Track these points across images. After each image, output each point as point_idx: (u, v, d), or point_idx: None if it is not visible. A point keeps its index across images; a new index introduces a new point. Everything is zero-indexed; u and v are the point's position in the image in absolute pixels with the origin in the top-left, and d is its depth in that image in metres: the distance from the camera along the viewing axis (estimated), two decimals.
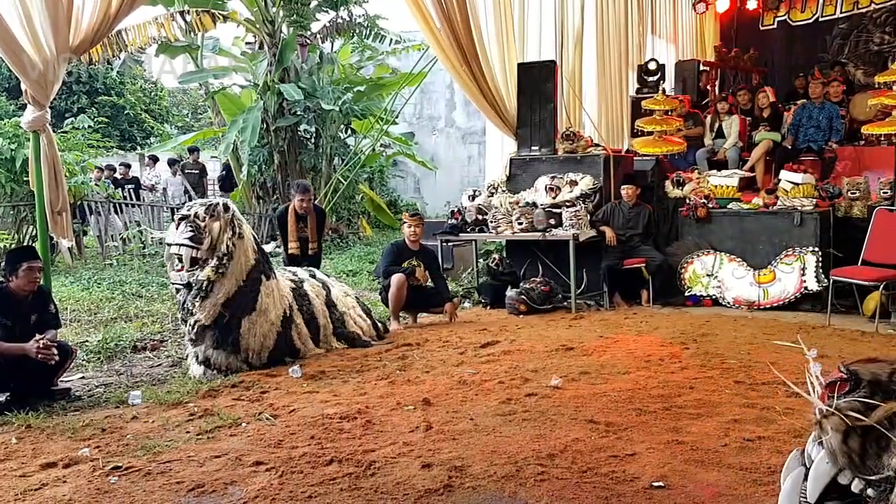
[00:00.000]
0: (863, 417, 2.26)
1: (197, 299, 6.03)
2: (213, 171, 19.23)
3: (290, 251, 7.99)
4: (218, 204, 6.20)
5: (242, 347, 6.14)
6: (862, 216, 8.12)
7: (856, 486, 2.30)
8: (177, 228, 6.09)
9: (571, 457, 4.02)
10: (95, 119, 20.73)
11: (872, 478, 2.24)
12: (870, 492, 2.27)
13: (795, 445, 4.07)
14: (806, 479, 2.43)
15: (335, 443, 4.35)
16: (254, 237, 6.48)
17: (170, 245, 6.12)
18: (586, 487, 3.67)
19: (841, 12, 13.34)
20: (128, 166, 17.74)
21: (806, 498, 2.40)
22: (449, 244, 9.84)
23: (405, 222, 8.15)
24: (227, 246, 6.09)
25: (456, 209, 9.65)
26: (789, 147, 10.05)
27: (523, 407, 4.94)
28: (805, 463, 2.45)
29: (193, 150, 17.63)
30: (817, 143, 9.95)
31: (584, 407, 4.87)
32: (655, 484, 3.68)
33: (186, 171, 17.20)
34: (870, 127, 9.71)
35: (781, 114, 11.04)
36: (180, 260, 6.05)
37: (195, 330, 6.05)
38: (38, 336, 5.14)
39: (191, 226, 6.04)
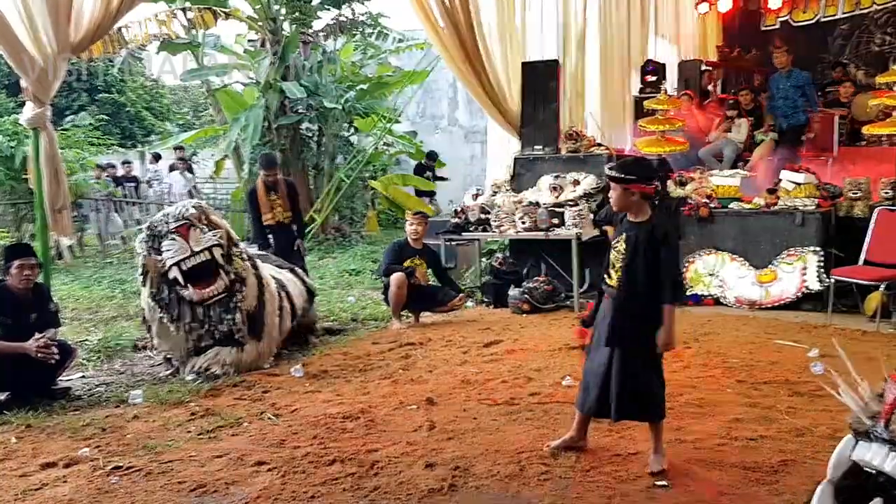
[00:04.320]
0: None
1: (240, 292, 5.96)
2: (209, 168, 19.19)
3: (265, 222, 8.04)
4: (194, 202, 6.10)
5: (267, 333, 6.17)
6: (863, 216, 8.10)
7: None
8: (187, 240, 5.79)
9: (574, 456, 4.02)
10: (96, 117, 20.78)
11: None
12: None
13: (798, 445, 4.09)
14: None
15: (338, 442, 4.34)
16: None
17: (195, 255, 5.78)
18: (589, 486, 3.66)
19: (842, 13, 13.32)
20: (129, 163, 17.74)
21: None
22: (452, 243, 9.82)
23: (407, 220, 8.15)
24: (228, 230, 6.13)
25: (459, 208, 9.64)
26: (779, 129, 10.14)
27: (527, 406, 4.93)
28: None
29: (178, 149, 17.61)
30: (788, 118, 9.94)
31: None
32: (658, 483, 3.67)
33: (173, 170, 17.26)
34: (871, 127, 9.70)
35: None
36: (186, 271, 5.78)
37: (239, 327, 5.98)
38: (37, 335, 5.12)
39: (204, 227, 5.89)
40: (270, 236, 8.12)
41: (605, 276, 4.02)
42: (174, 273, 5.80)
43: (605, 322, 3.94)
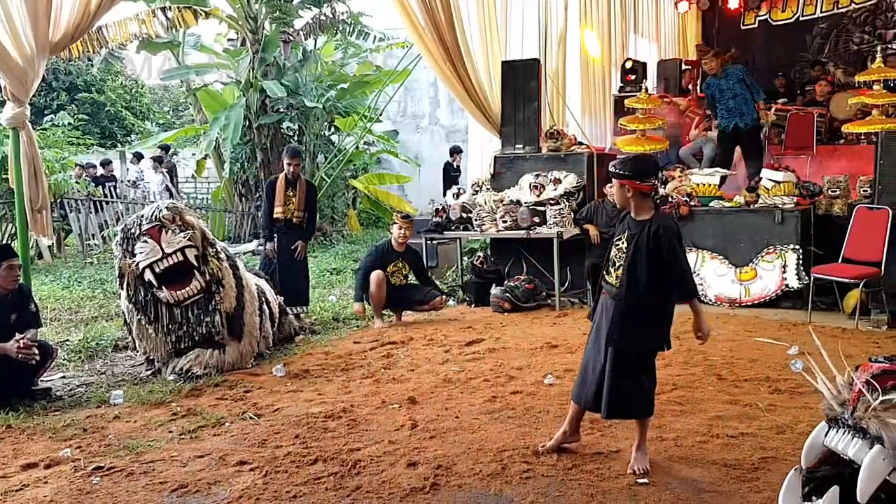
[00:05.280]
0: None
1: (217, 293, 5.93)
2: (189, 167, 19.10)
3: (275, 215, 7.98)
4: (168, 203, 6.04)
5: (248, 333, 6.16)
6: (842, 214, 8.17)
7: None
8: (158, 242, 5.73)
9: (556, 454, 4.03)
10: (75, 116, 20.61)
11: None
12: None
13: (778, 442, 4.13)
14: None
15: (320, 442, 4.34)
16: None
17: (167, 256, 5.72)
18: (571, 485, 3.68)
19: (821, 12, 13.45)
20: (109, 163, 17.59)
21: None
22: (433, 242, 9.83)
23: (395, 223, 8.11)
24: (207, 232, 6.10)
25: (440, 207, 9.64)
26: (723, 129, 9.84)
27: (509, 405, 4.95)
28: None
29: (161, 148, 17.48)
30: (744, 116, 9.63)
31: (568, 404, 4.85)
32: (640, 481, 3.69)
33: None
34: (850, 126, 9.78)
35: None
36: (160, 273, 5.72)
37: (219, 329, 5.95)
38: (18, 336, 5.10)
39: (176, 228, 5.82)
40: (276, 234, 8.05)
41: (605, 273, 4.02)
42: (148, 275, 5.76)
43: (604, 319, 3.94)
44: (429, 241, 9.60)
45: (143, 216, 5.92)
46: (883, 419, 2.30)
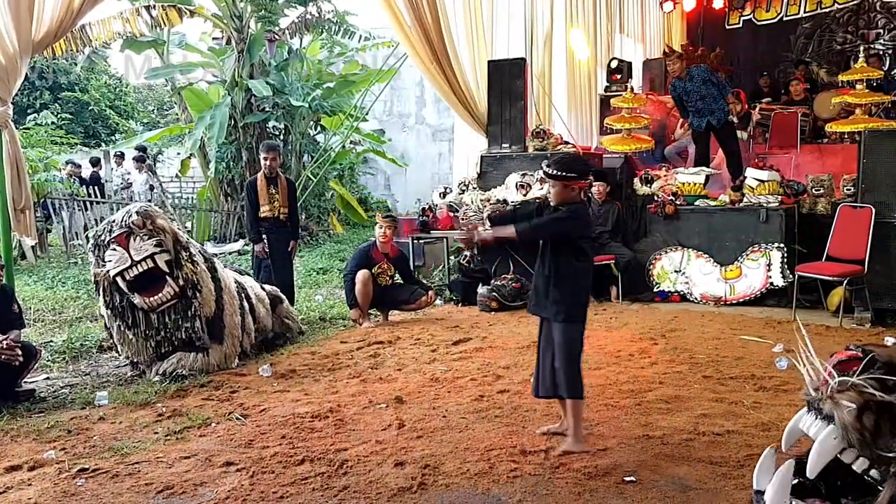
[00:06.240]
0: (881, 394, 2.26)
1: (195, 298, 5.87)
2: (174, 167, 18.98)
3: (261, 214, 7.91)
4: (141, 207, 5.91)
5: (229, 334, 6.11)
6: (826, 212, 8.23)
7: (859, 466, 2.29)
8: (127, 249, 5.63)
9: (544, 452, 4.04)
10: (59, 115, 20.45)
11: (886, 454, 2.23)
12: (873, 472, 2.26)
13: (764, 439, 4.14)
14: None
15: (307, 442, 4.32)
16: None
17: (136, 264, 5.63)
18: (559, 483, 3.68)
19: (804, 12, 13.56)
20: (98, 162, 17.44)
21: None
22: (420, 242, 9.82)
23: (377, 223, 8.08)
24: (181, 235, 6.03)
25: (427, 206, 9.64)
26: (696, 129, 9.74)
27: (496, 404, 4.95)
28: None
29: (142, 150, 17.35)
30: (715, 113, 9.52)
31: (555, 403, 4.86)
32: (627, 479, 3.70)
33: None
34: (833, 125, 9.85)
35: (749, 112, 11.19)
36: (131, 280, 5.66)
37: (199, 334, 5.91)
38: (1, 336, 5.05)
39: (145, 234, 5.71)
40: (264, 235, 7.99)
41: None
42: (120, 283, 5.70)
43: None
44: (416, 241, 9.59)
45: (113, 222, 5.83)
46: (836, 400, 2.34)
